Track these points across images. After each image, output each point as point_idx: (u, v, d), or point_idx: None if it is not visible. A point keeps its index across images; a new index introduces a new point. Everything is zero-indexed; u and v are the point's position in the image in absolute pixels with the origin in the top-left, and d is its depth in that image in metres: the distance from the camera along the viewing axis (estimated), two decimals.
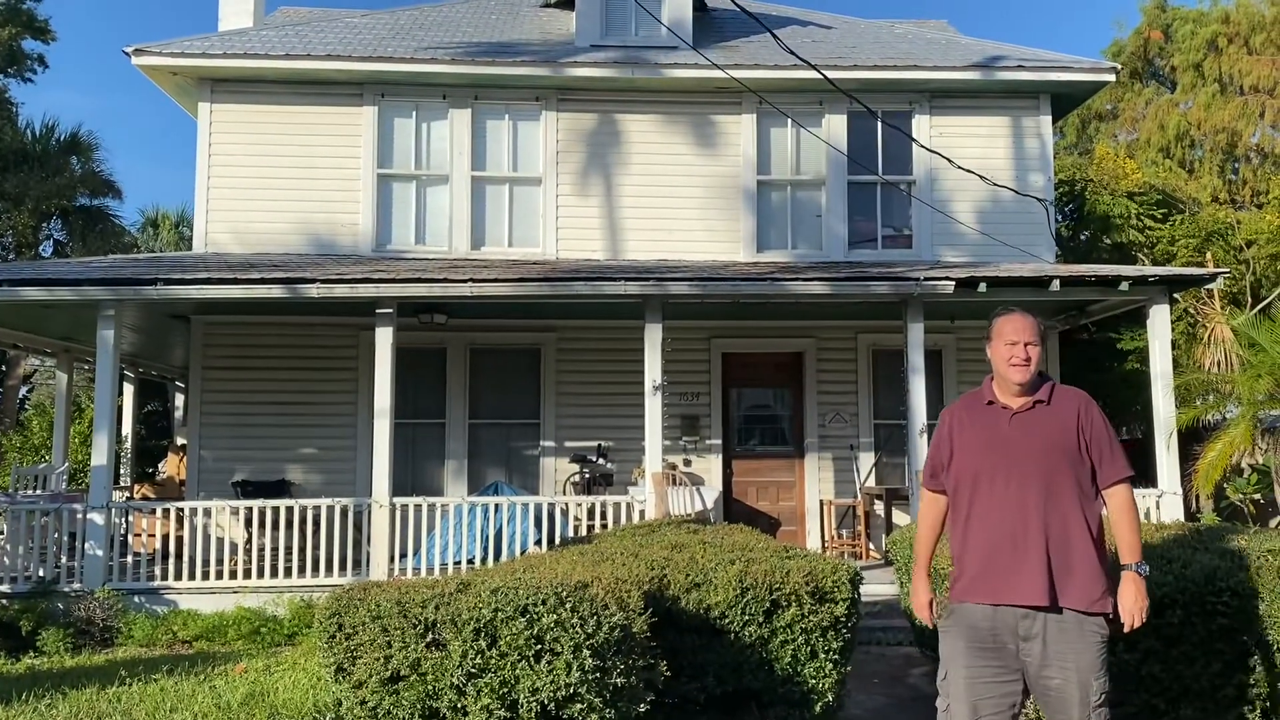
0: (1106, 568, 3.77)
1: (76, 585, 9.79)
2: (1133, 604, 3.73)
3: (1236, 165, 28.53)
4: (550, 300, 10.78)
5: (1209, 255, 16.19)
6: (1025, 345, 3.83)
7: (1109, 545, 3.90)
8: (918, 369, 10.70)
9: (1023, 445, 3.81)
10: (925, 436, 10.67)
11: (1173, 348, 11.53)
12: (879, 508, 12.30)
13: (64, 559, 10.12)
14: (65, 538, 10.20)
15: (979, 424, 3.93)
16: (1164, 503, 10.51)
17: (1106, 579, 3.75)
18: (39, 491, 12.60)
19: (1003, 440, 3.84)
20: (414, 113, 12.95)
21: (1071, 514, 3.73)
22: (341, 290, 10.16)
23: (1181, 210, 18.85)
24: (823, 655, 5.25)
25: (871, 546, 12.16)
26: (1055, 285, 10.56)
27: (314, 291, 10.11)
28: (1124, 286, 10.65)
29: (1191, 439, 12.23)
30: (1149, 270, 11.88)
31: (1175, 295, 12.08)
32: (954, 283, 10.50)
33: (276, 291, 10.15)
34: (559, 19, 14.60)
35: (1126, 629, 3.74)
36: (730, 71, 12.02)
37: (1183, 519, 10.40)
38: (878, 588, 8.79)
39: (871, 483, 12.66)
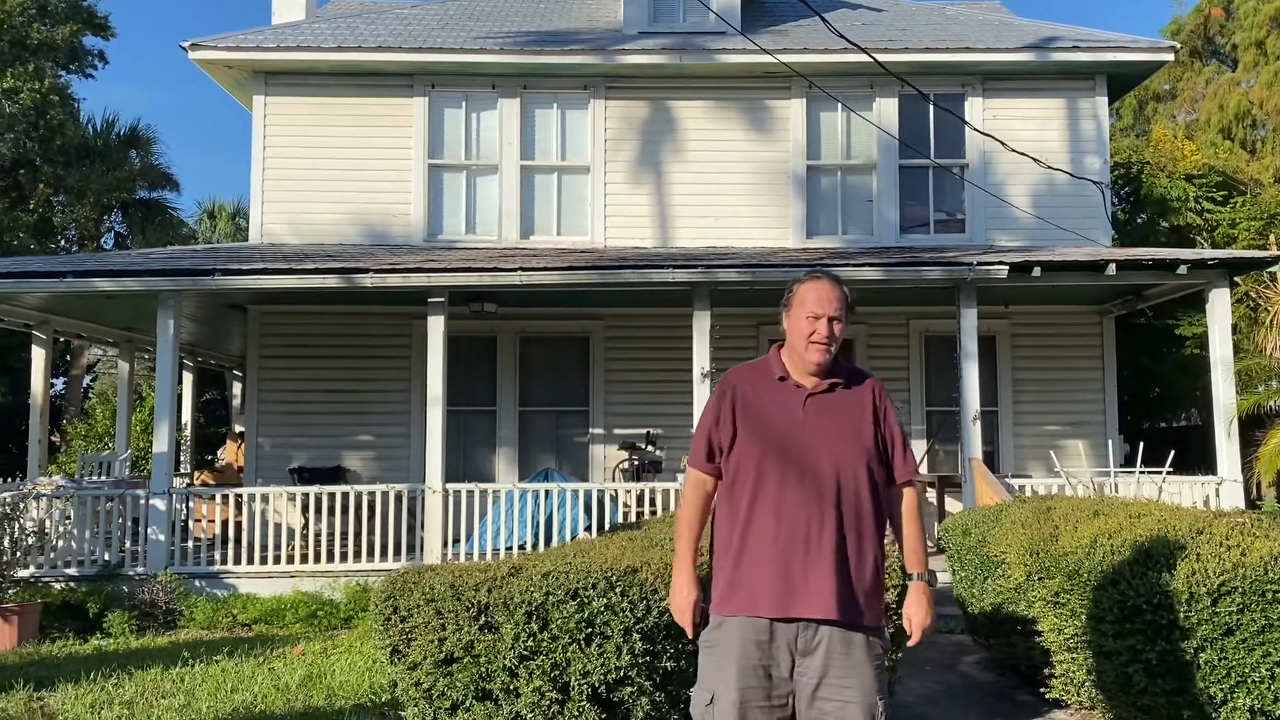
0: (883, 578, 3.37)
1: (140, 569, 10.05)
2: (923, 617, 3.33)
3: None
4: (599, 288, 10.83)
5: (1271, 238, 15.80)
6: (831, 321, 3.30)
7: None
8: (971, 355, 10.59)
9: (820, 433, 3.28)
10: (978, 423, 10.57)
11: (1233, 332, 11.29)
12: (931, 495, 12.20)
13: (128, 543, 10.39)
14: (129, 523, 10.46)
15: (768, 404, 3.35)
16: (1224, 490, 10.35)
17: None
18: (103, 478, 12.93)
19: (798, 426, 3.29)
20: (464, 103, 13.04)
21: (866, 516, 3.26)
22: (394, 280, 10.30)
23: (1242, 192, 18.39)
24: None
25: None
26: (1111, 269, 10.41)
27: (368, 281, 10.27)
28: (1182, 270, 10.47)
29: (1253, 425, 11.98)
30: (1208, 253, 11.63)
31: (1235, 279, 11.82)
32: (1008, 267, 10.39)
33: (331, 281, 10.32)
34: (607, 7, 14.61)
35: (913, 643, 3.36)
36: (779, 56, 11.93)
37: (1243, 507, 10.21)
38: None
39: (924, 470, 12.56)
